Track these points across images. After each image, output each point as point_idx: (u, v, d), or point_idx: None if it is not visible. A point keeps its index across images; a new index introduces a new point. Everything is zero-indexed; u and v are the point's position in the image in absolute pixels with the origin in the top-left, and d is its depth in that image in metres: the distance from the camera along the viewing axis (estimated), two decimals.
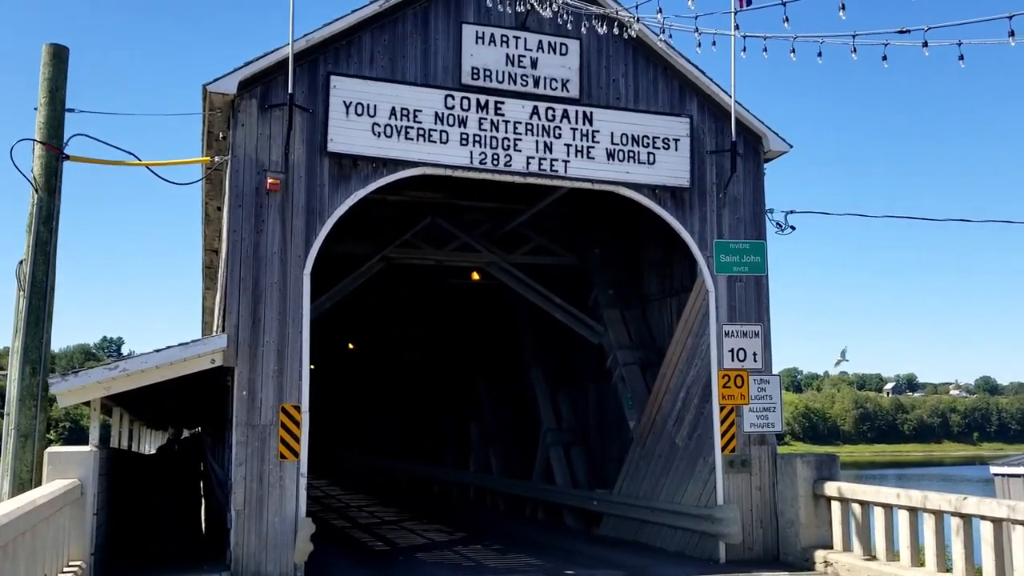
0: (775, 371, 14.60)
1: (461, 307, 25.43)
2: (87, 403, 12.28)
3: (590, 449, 20.50)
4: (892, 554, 11.97)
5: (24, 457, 11.17)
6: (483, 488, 25.12)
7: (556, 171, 13.60)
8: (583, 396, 21.05)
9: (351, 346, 34.38)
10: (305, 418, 12.17)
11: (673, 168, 14.19)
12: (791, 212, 14.46)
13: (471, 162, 13.22)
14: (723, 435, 14.01)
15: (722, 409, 14.06)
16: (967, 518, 10.70)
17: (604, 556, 14.52)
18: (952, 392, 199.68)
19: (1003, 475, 17.87)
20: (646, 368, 17.38)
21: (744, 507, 13.82)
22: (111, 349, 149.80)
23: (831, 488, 13.06)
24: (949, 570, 10.95)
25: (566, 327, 19.12)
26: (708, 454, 14.19)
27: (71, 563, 10.19)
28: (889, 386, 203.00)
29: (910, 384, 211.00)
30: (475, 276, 20.69)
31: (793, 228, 14.43)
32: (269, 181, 12.39)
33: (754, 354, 14.31)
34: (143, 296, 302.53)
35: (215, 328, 19.56)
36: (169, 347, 12.00)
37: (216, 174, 14.33)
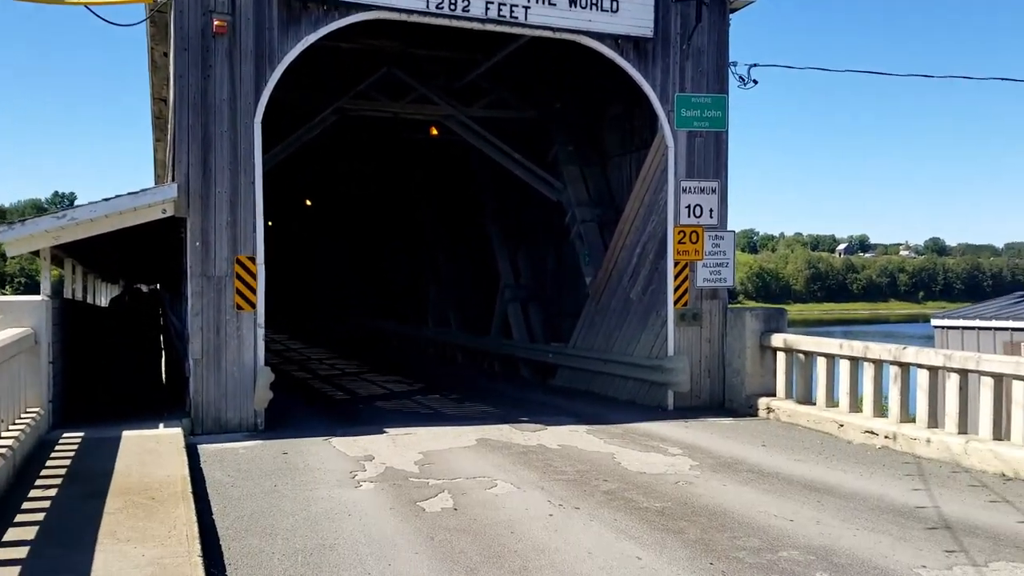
0: (731, 228, 14.75)
1: (419, 162, 25.07)
2: (37, 253, 12.09)
3: (547, 305, 20.83)
4: (832, 401, 12.52)
5: None
6: (442, 342, 25.57)
7: (516, 17, 13.12)
8: (541, 253, 21.19)
9: (308, 203, 33.98)
10: (261, 270, 12.11)
11: (636, 16, 13.77)
12: (754, 65, 14.22)
13: (427, 6, 12.67)
14: (676, 290, 14.28)
15: (676, 264, 14.26)
16: (905, 367, 11.18)
17: (558, 404, 15.02)
18: (902, 253, 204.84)
19: (943, 327, 18.60)
20: (604, 225, 17.46)
21: (693, 358, 14.26)
22: (64, 204, 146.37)
23: (777, 340, 13.49)
24: (884, 416, 11.51)
25: (525, 184, 19.00)
26: (661, 308, 14.49)
27: (29, 409, 10.29)
28: (842, 247, 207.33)
29: (862, 245, 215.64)
30: (433, 131, 20.30)
31: (756, 82, 14.21)
32: (215, 23, 11.81)
33: (710, 210, 14.40)
34: (96, 152, 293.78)
35: (167, 180, 19.11)
36: (119, 196, 11.72)
37: (161, 17, 13.62)
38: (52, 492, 7.78)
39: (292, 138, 16.98)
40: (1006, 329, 17.29)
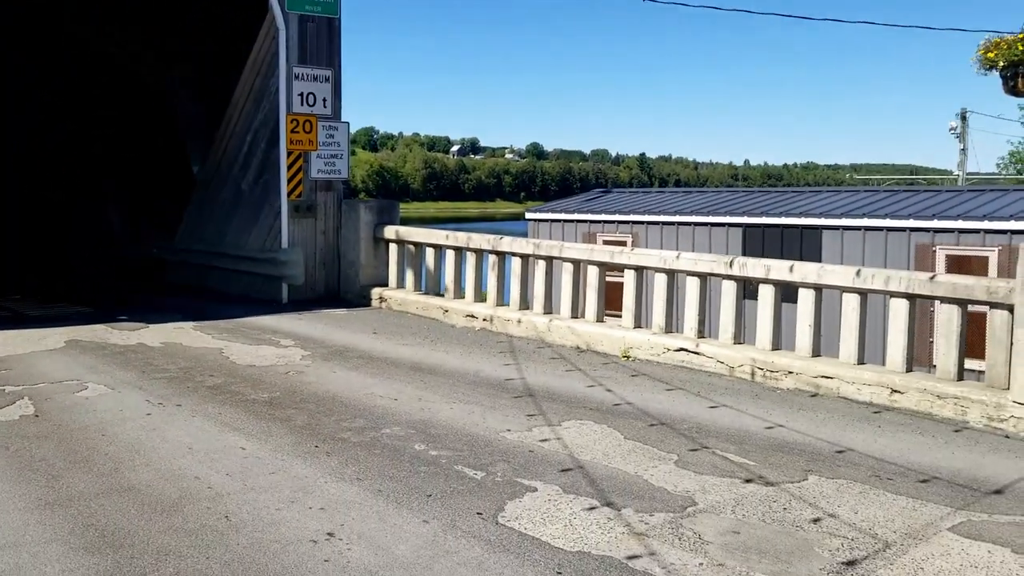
0: (346, 120, 14.65)
1: None
2: None
3: (151, 198, 19.26)
4: (439, 289, 13.25)
5: None
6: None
7: None
8: (133, 135, 19.38)
9: None
10: None
11: None
12: None
13: None
14: (290, 181, 13.95)
15: (290, 155, 13.89)
16: (502, 255, 12.12)
17: (164, 302, 14.14)
18: (507, 156, 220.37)
19: (535, 220, 20.53)
20: (213, 111, 16.39)
21: (308, 250, 14.17)
22: None
23: (390, 231, 13.86)
24: (484, 301, 12.45)
25: (124, 64, 17.10)
26: (275, 200, 14.10)
27: None
28: (455, 148, 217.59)
29: (474, 148, 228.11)
30: None
31: None
32: None
33: (324, 100, 14.15)
34: None
35: None
36: None
37: None
38: None
39: None
40: (585, 221, 19.55)
